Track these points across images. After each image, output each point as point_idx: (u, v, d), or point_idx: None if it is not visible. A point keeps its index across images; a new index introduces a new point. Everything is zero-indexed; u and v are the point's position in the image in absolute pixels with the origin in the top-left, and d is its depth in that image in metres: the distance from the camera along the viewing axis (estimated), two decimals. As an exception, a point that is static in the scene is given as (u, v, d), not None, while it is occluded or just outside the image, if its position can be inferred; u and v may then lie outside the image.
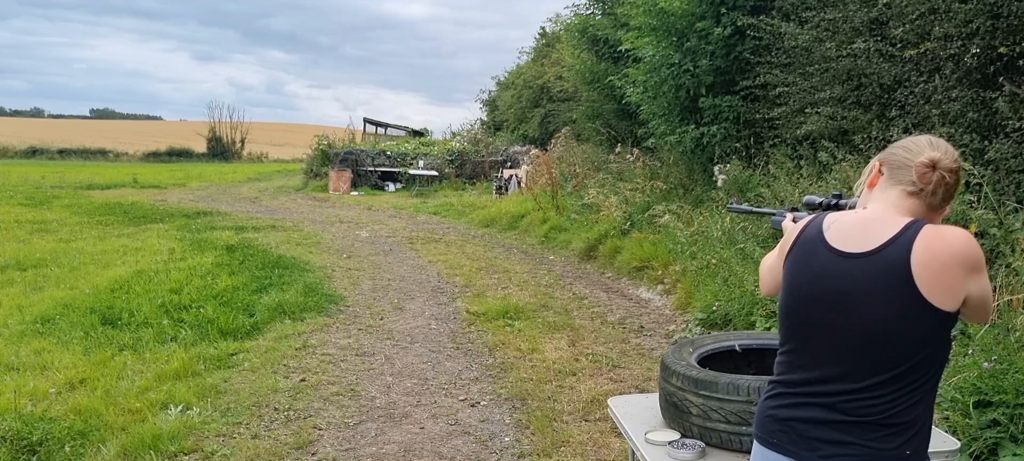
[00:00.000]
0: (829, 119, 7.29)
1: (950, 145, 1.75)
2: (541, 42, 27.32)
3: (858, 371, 1.65)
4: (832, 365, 1.68)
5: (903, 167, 1.72)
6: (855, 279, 1.65)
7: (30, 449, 4.04)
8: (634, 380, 5.33)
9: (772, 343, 2.95)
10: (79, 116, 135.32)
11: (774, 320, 5.47)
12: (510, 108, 27.83)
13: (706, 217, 8.51)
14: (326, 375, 5.39)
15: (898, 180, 1.73)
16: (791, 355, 1.77)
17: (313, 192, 22.63)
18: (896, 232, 1.63)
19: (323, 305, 7.41)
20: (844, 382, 1.66)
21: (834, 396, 1.67)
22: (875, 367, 1.63)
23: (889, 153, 1.78)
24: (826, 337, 1.69)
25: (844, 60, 7.10)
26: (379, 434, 4.39)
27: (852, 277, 1.65)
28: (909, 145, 1.75)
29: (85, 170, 33.09)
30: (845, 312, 1.65)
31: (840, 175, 6.38)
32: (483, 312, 7.24)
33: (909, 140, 1.77)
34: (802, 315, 1.74)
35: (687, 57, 9.88)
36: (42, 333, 6.27)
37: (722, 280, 6.57)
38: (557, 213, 12.83)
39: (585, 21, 15.31)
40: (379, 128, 31.05)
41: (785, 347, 1.79)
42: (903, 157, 1.73)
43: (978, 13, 5.57)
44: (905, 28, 6.32)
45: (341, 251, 11.21)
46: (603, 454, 4.09)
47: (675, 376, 2.52)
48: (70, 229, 13.35)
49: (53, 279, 8.62)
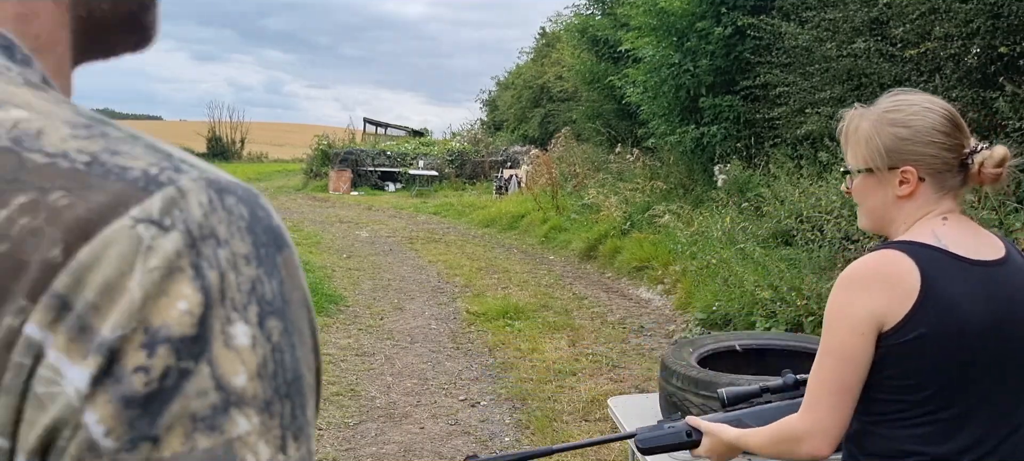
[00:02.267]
0: (829, 119, 7.27)
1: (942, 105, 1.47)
2: (541, 42, 27.31)
3: None
4: (1010, 408, 1.39)
5: (949, 169, 1.43)
6: (1017, 286, 1.40)
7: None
8: (634, 380, 5.33)
9: (772, 343, 2.95)
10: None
11: (774, 320, 5.46)
12: (510, 108, 27.84)
13: (706, 217, 8.51)
14: (326, 375, 5.39)
15: (947, 186, 1.44)
16: (945, 416, 1.37)
17: (313, 192, 22.63)
18: (995, 235, 1.47)
19: (323, 305, 7.41)
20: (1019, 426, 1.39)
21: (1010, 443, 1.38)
22: None
23: (920, 156, 1.42)
24: (1003, 372, 1.37)
25: (844, 60, 7.10)
26: (379, 434, 4.39)
27: (1014, 284, 1.40)
28: (939, 137, 1.42)
29: (85, 170, 33.06)
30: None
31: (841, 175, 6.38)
32: (483, 312, 7.24)
33: (920, 131, 1.43)
34: (974, 351, 1.36)
35: (687, 57, 9.88)
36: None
37: (722, 280, 6.57)
38: (557, 213, 12.83)
39: (585, 21, 15.31)
40: (379, 128, 31.06)
41: (930, 410, 1.38)
42: (948, 158, 1.43)
43: (978, 13, 5.57)
44: (905, 28, 6.32)
45: (341, 251, 11.21)
46: (603, 454, 4.09)
47: (675, 376, 2.52)
48: (70, 229, 13.34)
49: (53, 279, 8.62)
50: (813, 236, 6.11)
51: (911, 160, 1.41)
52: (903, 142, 1.41)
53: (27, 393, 0.34)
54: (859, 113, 1.51)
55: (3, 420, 0.34)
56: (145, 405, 0.34)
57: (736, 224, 7.69)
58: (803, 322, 5.22)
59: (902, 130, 1.42)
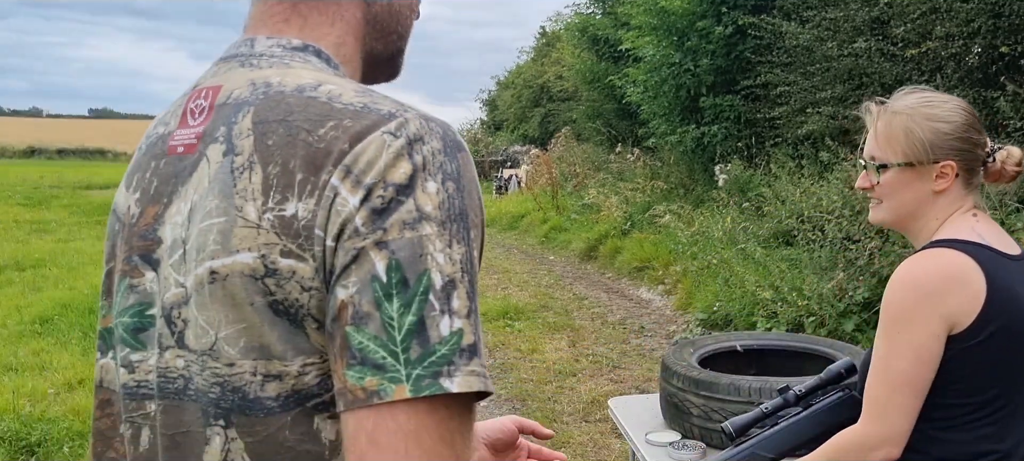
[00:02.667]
0: (830, 119, 7.27)
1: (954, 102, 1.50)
2: (541, 41, 27.32)
3: None
4: None
5: (977, 165, 1.47)
6: None
7: (28, 450, 4.03)
8: (634, 381, 5.32)
9: (773, 344, 2.93)
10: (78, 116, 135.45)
11: (775, 321, 5.45)
12: (510, 108, 27.85)
13: (707, 217, 8.49)
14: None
15: (973, 182, 1.48)
16: (1005, 413, 1.40)
17: (313, 192, 22.64)
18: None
19: (323, 305, 7.39)
20: None
21: None
22: None
23: (959, 151, 1.44)
24: None
25: (845, 59, 7.09)
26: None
27: None
28: (974, 134, 1.45)
29: (84, 170, 33.08)
30: None
31: (841, 174, 6.37)
32: (483, 312, 7.16)
33: (959, 127, 1.44)
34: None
35: (688, 56, 9.87)
36: (41, 333, 6.26)
37: (723, 280, 6.55)
38: (557, 213, 12.82)
39: (585, 20, 15.30)
40: (379, 128, 31.04)
41: (995, 408, 1.40)
42: (979, 155, 1.46)
43: (979, 12, 5.56)
44: (906, 27, 6.31)
45: (341, 251, 11.20)
46: (603, 455, 4.08)
47: (676, 377, 2.51)
48: (69, 229, 13.34)
49: (52, 279, 8.60)
50: (814, 236, 6.09)
51: (952, 155, 1.42)
52: (945, 137, 1.42)
53: (330, 209, 0.68)
54: (886, 108, 1.49)
55: (321, 221, 0.68)
56: (381, 213, 0.67)
57: (737, 224, 7.68)
58: (804, 322, 5.21)
59: (943, 125, 1.42)
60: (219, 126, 0.75)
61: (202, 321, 0.71)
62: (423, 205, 0.67)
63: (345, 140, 0.69)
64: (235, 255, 0.69)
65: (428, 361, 0.65)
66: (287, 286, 0.68)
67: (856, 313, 5.03)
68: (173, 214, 0.76)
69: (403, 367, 0.64)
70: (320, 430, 0.70)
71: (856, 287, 5.14)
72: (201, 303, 0.71)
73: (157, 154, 0.82)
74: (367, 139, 0.69)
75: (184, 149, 0.78)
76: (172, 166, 0.79)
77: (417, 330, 0.65)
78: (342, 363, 0.66)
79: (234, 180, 0.71)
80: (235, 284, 0.69)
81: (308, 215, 0.68)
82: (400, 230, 0.66)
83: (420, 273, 0.66)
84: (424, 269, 0.66)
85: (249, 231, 0.69)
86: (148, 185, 0.81)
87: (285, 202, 0.69)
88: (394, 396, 0.64)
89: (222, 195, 0.71)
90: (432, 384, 0.64)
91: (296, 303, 0.69)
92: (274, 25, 0.82)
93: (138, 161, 0.85)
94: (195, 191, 0.74)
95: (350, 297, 0.66)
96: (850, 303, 5.11)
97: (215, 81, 0.80)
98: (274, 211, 0.69)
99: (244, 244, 0.69)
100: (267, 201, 0.69)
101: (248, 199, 0.70)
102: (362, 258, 0.66)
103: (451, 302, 0.66)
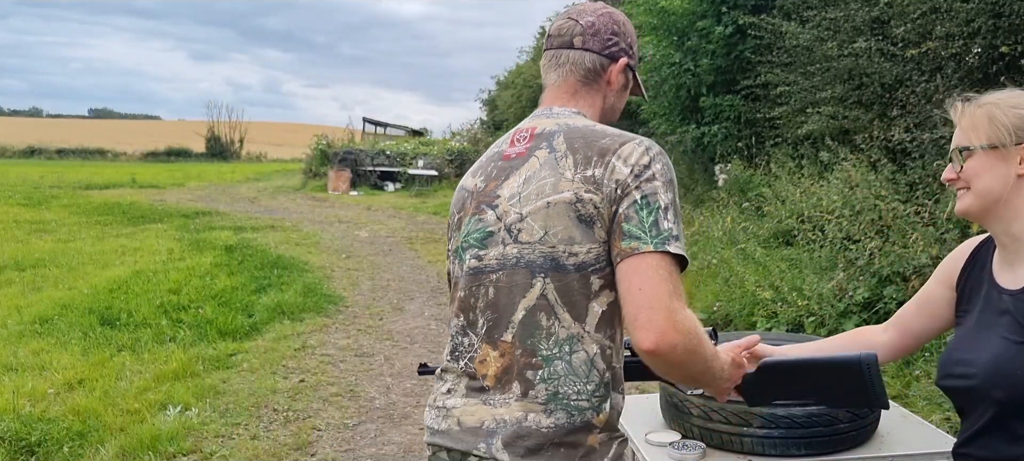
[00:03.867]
0: (830, 119, 7.28)
1: None
2: (541, 41, 27.30)
3: None
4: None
5: None
6: None
7: (28, 450, 4.02)
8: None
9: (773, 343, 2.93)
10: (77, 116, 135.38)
11: (775, 321, 5.45)
12: (510, 107, 27.79)
13: (707, 217, 8.50)
14: (325, 376, 5.37)
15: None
16: None
17: (312, 192, 22.61)
18: None
19: (322, 305, 7.39)
20: None
21: None
22: None
23: None
24: None
25: (845, 59, 7.09)
26: (378, 435, 4.37)
27: None
28: None
29: (83, 170, 33.08)
30: None
31: (841, 174, 6.37)
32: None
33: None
34: None
35: (688, 56, 9.87)
36: (40, 333, 6.25)
37: (723, 280, 6.56)
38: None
39: (585, 21, 15.28)
40: (378, 128, 31.03)
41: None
42: None
43: (980, 12, 5.56)
44: (907, 27, 6.31)
45: (340, 251, 11.20)
46: (604, 455, 4.07)
47: (677, 377, 2.51)
48: (68, 229, 13.33)
49: (51, 279, 8.60)
50: (814, 236, 6.09)
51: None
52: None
53: (613, 173, 1.39)
54: (971, 102, 1.53)
55: (607, 178, 1.39)
56: (638, 176, 1.38)
57: (737, 224, 7.68)
58: (804, 322, 5.20)
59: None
60: (542, 142, 1.48)
61: (536, 226, 1.40)
62: (655, 174, 1.38)
63: (617, 144, 1.41)
64: (561, 194, 1.39)
65: (660, 237, 1.33)
66: (587, 208, 1.37)
67: (856, 313, 5.02)
68: (509, 184, 1.47)
69: (649, 239, 1.33)
70: (593, 283, 1.39)
71: (856, 287, 5.13)
72: (536, 217, 1.41)
73: (494, 158, 1.55)
74: (628, 144, 1.41)
75: (515, 155, 1.51)
76: (506, 164, 1.51)
77: (654, 222, 1.34)
78: (619, 239, 1.35)
79: (556, 161, 1.43)
80: (561, 208, 1.39)
81: (600, 174, 1.38)
82: (647, 183, 1.36)
83: (655, 202, 1.35)
84: (656, 201, 1.36)
85: (568, 182, 1.39)
86: (489, 173, 1.53)
87: (587, 168, 1.39)
88: (645, 249, 1.32)
89: (551, 169, 1.43)
90: (661, 245, 1.33)
91: (591, 215, 1.37)
92: (563, 101, 1.56)
93: (481, 163, 1.58)
94: (528, 172, 1.45)
95: (624, 210, 1.35)
96: (850, 303, 5.10)
97: (530, 124, 1.55)
98: (581, 174, 1.39)
99: (566, 188, 1.39)
100: (577, 170, 1.40)
101: (567, 169, 1.41)
102: (631, 194, 1.36)
103: (668, 215, 1.35)
